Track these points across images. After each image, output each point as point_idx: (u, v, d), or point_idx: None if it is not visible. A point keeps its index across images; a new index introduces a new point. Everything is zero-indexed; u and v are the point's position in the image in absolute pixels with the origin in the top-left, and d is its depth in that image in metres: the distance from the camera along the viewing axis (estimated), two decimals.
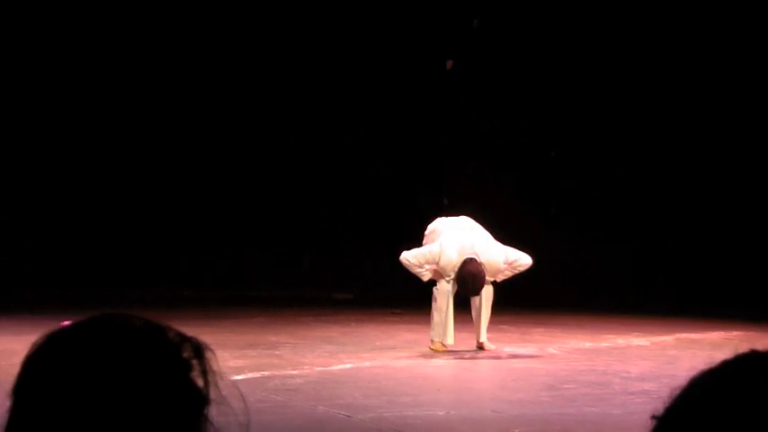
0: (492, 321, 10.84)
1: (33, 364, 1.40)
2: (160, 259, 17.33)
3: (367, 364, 9.46)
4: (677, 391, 1.29)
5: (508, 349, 10.55)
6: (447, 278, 10.14)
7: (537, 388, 8.19)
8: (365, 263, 16.47)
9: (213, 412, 1.39)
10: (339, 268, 16.86)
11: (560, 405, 7.47)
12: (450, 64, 16.69)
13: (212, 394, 1.39)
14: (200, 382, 1.38)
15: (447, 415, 7.09)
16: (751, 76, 15.73)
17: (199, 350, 1.40)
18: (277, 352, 10.08)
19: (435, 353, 10.09)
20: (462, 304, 10.38)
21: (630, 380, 8.62)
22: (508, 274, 10.38)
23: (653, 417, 1.30)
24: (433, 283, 10.34)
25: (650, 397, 7.54)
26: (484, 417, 7.04)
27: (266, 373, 8.66)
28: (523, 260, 10.32)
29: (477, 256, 10.02)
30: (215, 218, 17.92)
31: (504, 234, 10.68)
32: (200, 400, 1.38)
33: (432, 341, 10.22)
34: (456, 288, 10.18)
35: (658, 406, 1.29)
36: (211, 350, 1.41)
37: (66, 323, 1.44)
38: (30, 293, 15.36)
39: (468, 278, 9.97)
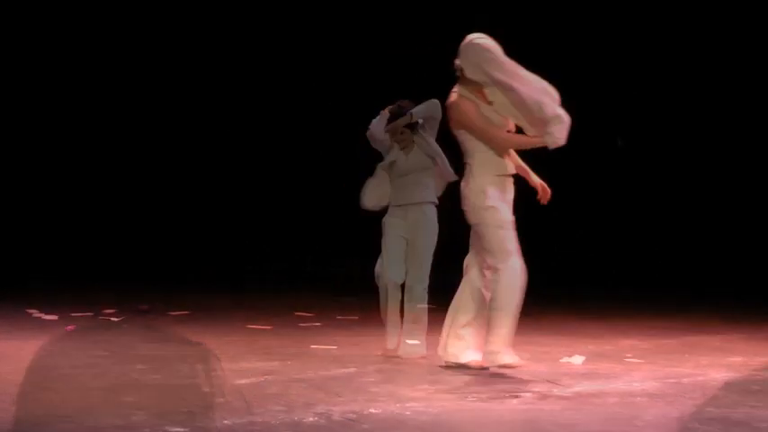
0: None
1: None
2: (162, 262, 17.35)
3: (372, 366, 9.47)
4: None
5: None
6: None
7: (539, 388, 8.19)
8: (369, 265, 16.51)
9: (217, 414, 1.40)
10: (343, 270, 16.87)
11: (563, 407, 7.48)
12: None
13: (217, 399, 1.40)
14: (204, 383, 1.39)
15: (454, 412, 7.11)
16: (748, 77, 15.74)
17: None
18: (280, 355, 10.10)
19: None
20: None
21: (633, 382, 8.63)
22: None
23: None
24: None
25: (653, 399, 7.55)
26: (489, 414, 7.05)
27: (269, 378, 8.68)
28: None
29: None
30: (217, 220, 17.95)
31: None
32: None
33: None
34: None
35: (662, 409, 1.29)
36: (215, 355, 1.42)
37: (71, 328, 1.45)
38: (32, 293, 15.38)
39: None
